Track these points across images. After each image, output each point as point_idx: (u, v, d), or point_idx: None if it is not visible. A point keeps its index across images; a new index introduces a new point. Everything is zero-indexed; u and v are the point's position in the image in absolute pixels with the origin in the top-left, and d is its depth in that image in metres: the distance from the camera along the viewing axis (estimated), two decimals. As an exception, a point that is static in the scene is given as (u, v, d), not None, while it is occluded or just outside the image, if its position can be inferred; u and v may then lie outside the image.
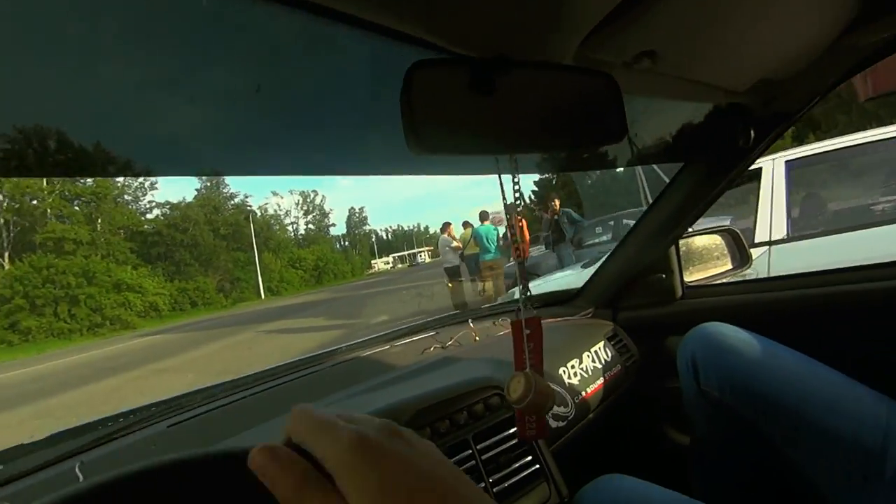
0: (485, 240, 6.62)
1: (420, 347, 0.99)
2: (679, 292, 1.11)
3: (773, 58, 0.63)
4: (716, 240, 1.15)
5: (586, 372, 0.96)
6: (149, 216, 35.25)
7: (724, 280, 1.13)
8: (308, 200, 59.86)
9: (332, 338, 7.37)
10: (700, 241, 1.16)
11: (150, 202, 37.20)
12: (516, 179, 0.49)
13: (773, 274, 2.16)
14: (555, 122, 0.44)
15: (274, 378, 0.86)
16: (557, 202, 6.59)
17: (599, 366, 1.00)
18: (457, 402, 0.69)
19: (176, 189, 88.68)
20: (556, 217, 6.45)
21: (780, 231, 2.42)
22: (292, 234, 54.98)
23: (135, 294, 25.65)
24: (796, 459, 0.68)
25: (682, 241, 1.12)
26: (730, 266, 1.14)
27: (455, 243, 7.01)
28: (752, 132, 0.80)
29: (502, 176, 0.49)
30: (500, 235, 6.72)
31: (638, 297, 1.14)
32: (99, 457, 0.62)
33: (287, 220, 55.38)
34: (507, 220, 0.55)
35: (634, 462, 0.89)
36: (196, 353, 9.05)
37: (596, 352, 1.02)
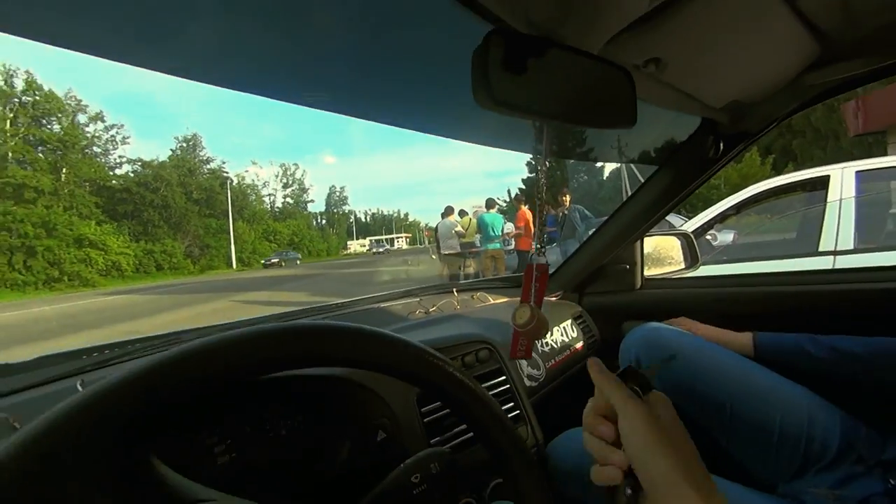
0: (490, 228, 6.56)
1: (406, 310, 1.10)
2: (639, 283, 1.26)
3: (747, 83, 0.75)
4: (673, 241, 1.31)
5: (556, 344, 1.09)
6: (118, 171, 33.75)
7: (677, 276, 1.28)
8: (288, 173, 58.53)
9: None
10: (660, 241, 1.31)
11: (120, 157, 35.81)
12: (544, 165, 0.60)
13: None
14: (577, 102, 0.52)
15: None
16: (568, 198, 6.43)
17: (567, 340, 1.13)
18: (451, 351, 0.78)
19: (148, 147, 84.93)
20: (565, 213, 6.34)
21: (848, 241, 2.42)
22: (269, 206, 53.67)
23: (97, 251, 24.71)
24: (731, 449, 0.76)
25: (645, 238, 1.26)
26: (682, 266, 1.29)
27: (458, 228, 6.87)
28: (720, 145, 0.92)
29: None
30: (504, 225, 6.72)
31: (603, 285, 1.28)
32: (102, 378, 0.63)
33: (265, 192, 53.99)
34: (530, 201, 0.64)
35: None
36: (170, 317, 8.74)
37: (564, 328, 1.15)
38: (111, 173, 32.80)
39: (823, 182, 2.70)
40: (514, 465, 0.43)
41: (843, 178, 2.62)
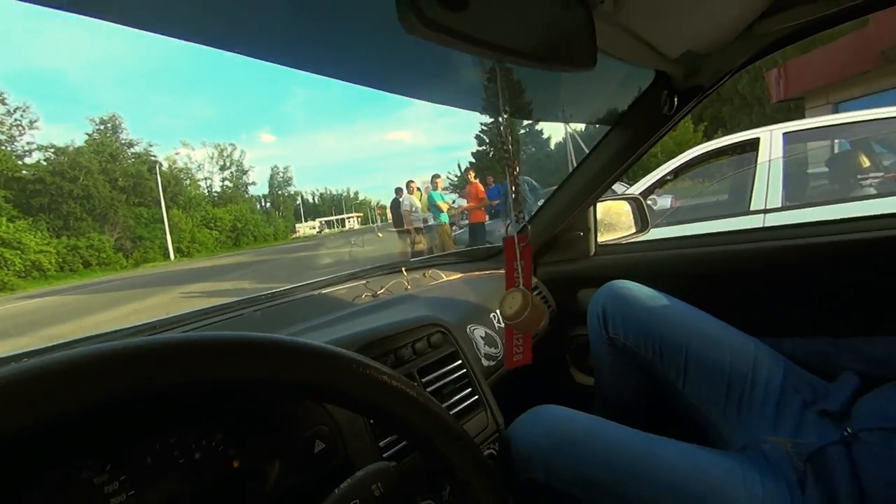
0: (436, 205, 6.89)
1: (351, 295, 1.01)
2: (593, 250, 1.23)
3: (702, 31, 0.71)
4: (623, 206, 1.29)
5: None
6: (28, 161, 30.22)
7: (629, 241, 1.27)
8: (224, 154, 55.01)
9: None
10: (610, 206, 1.28)
11: (28, 143, 31.62)
12: (502, 112, 0.50)
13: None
14: (530, 37, 0.43)
15: (197, 320, 0.82)
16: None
17: None
18: (401, 338, 0.70)
19: (60, 131, 76.66)
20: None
21: (776, 200, 2.55)
22: (205, 190, 50.46)
23: (12, 251, 22.27)
24: (685, 391, 0.82)
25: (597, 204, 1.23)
26: (633, 230, 1.28)
27: (417, 203, 7.15)
28: (675, 101, 0.89)
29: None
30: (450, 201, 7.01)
31: (557, 254, 1.24)
32: None
33: (199, 175, 50.60)
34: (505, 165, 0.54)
35: (547, 398, 0.99)
36: (100, 318, 7.95)
37: None
38: (20, 163, 29.33)
39: (753, 144, 2.84)
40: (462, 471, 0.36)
41: (771, 139, 2.76)
